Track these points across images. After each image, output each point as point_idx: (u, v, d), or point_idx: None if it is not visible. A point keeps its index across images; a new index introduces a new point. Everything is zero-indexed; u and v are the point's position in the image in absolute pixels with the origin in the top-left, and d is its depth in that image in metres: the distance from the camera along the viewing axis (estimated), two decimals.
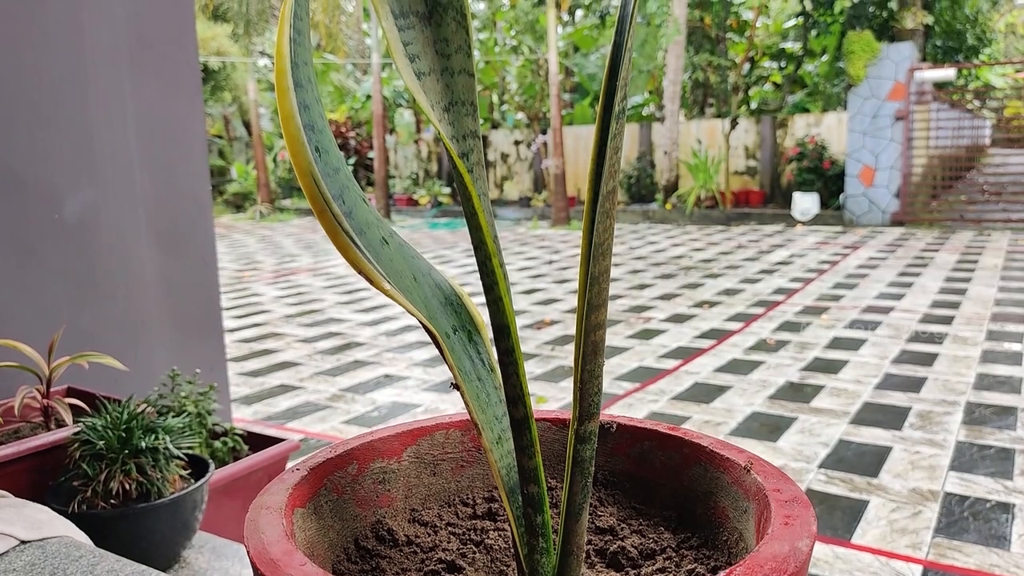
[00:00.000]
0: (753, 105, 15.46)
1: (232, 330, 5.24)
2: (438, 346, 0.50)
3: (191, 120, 1.72)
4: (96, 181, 1.58)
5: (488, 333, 0.54)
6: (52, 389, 1.44)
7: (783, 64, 15.95)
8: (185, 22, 1.77)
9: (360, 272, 0.49)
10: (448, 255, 9.14)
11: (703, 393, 3.65)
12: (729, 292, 6.21)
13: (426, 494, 0.59)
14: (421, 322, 0.48)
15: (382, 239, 0.50)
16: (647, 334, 4.86)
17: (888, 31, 12.56)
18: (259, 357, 4.53)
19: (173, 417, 1.40)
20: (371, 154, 16.45)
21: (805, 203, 11.44)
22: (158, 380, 1.63)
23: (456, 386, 0.49)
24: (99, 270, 1.59)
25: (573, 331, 3.98)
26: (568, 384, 3.88)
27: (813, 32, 15.12)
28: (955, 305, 5.42)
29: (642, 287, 6.57)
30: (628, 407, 3.48)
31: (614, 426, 0.60)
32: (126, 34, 1.62)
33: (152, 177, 1.65)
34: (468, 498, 0.60)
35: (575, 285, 7.13)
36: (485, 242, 0.46)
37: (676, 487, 0.56)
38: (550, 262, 8.32)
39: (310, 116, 0.47)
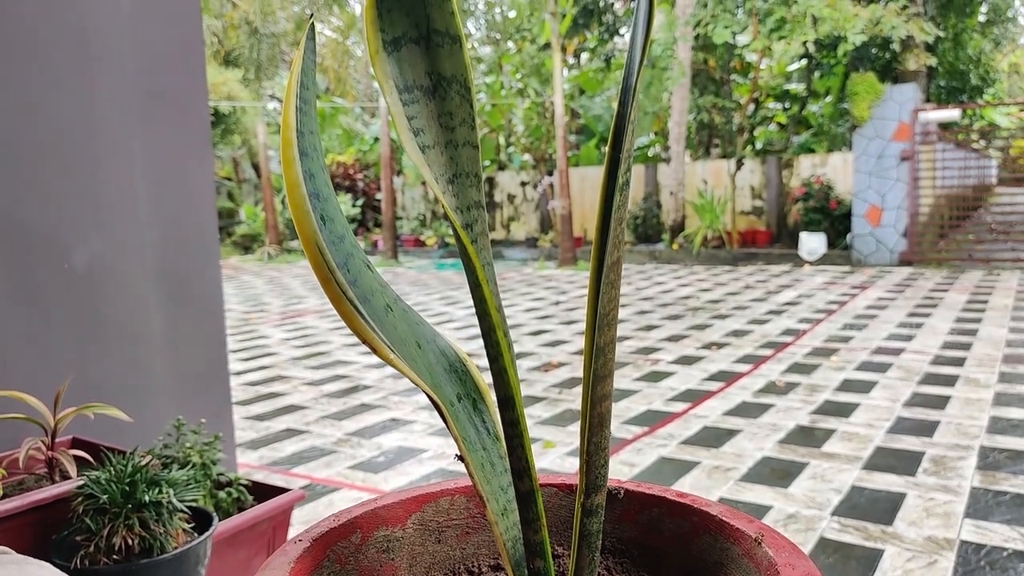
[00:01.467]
0: (758, 145, 15.57)
1: (238, 373, 5.24)
2: (442, 416, 0.49)
3: (200, 170, 1.74)
4: (104, 231, 1.59)
5: (493, 399, 0.54)
6: (57, 440, 1.43)
7: (787, 105, 16.09)
8: (195, 73, 1.80)
9: (364, 341, 0.48)
10: (455, 296, 9.15)
11: (712, 437, 3.61)
12: (737, 333, 6.18)
13: (430, 563, 0.58)
14: (425, 392, 0.48)
15: (386, 306, 0.50)
16: (655, 376, 4.83)
17: (891, 72, 12.68)
18: (265, 400, 4.51)
19: (177, 468, 1.39)
20: (379, 195, 16.58)
21: (812, 243, 11.44)
22: (163, 429, 1.63)
23: (461, 457, 0.48)
24: (106, 320, 1.59)
25: (580, 373, 3.93)
26: (574, 428, 3.85)
27: (816, 73, 15.28)
28: (966, 346, 5.38)
29: (649, 328, 6.56)
30: (637, 452, 3.45)
31: (622, 492, 0.59)
32: (136, 87, 1.65)
33: (160, 227, 1.67)
34: (473, 566, 0.59)
35: (582, 326, 7.11)
36: (489, 313, 0.46)
37: (685, 557, 0.55)
38: (557, 303, 8.32)
39: (315, 184, 0.47)
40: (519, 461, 0.47)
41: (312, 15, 0.52)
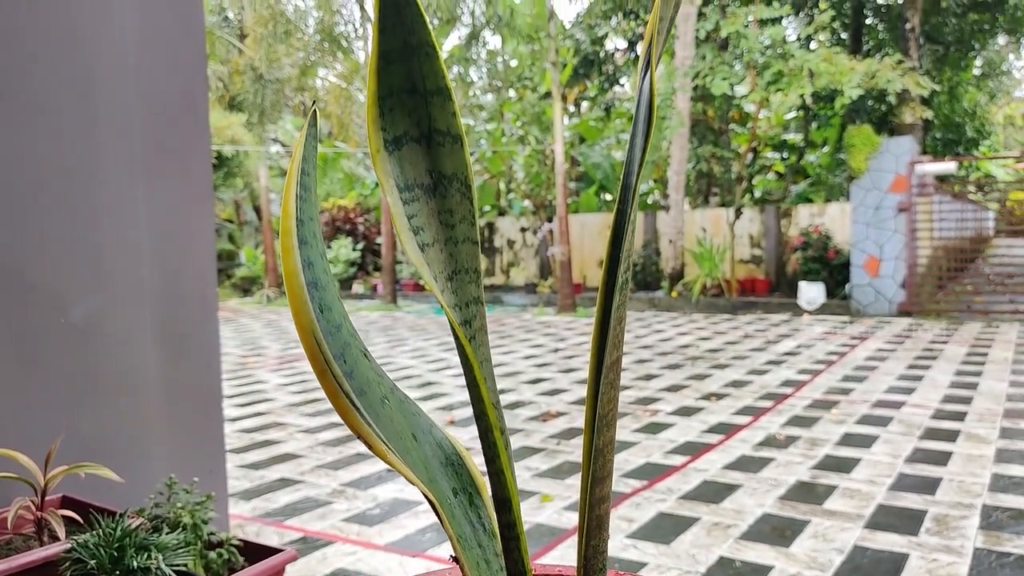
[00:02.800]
0: (757, 194, 15.69)
1: (233, 419, 5.19)
2: (437, 514, 0.48)
3: (201, 223, 1.74)
4: (104, 285, 1.58)
5: (490, 493, 0.53)
6: (47, 499, 1.41)
7: (785, 155, 16.26)
8: (199, 127, 1.81)
9: (359, 437, 0.47)
10: (452, 342, 9.12)
11: (712, 492, 3.56)
12: (737, 384, 6.15)
13: None
14: (421, 490, 0.47)
15: (383, 398, 0.49)
16: (654, 428, 4.79)
17: (888, 125, 12.84)
18: (260, 448, 4.47)
19: (168, 530, 1.37)
20: (379, 239, 16.65)
21: (811, 292, 11.45)
22: (155, 487, 1.60)
23: (456, 559, 0.47)
24: (102, 376, 1.58)
25: (579, 424, 3.90)
26: (573, 481, 3.80)
27: (814, 124, 15.47)
28: (967, 400, 5.34)
29: (649, 378, 6.52)
30: (636, 506, 3.40)
31: None
32: (141, 142, 1.66)
33: (161, 281, 1.66)
34: None
35: (582, 375, 7.06)
36: (487, 413, 0.45)
37: None
38: (556, 350, 8.29)
39: (314, 273, 0.47)
40: (515, 564, 0.46)
41: (315, 102, 0.53)
